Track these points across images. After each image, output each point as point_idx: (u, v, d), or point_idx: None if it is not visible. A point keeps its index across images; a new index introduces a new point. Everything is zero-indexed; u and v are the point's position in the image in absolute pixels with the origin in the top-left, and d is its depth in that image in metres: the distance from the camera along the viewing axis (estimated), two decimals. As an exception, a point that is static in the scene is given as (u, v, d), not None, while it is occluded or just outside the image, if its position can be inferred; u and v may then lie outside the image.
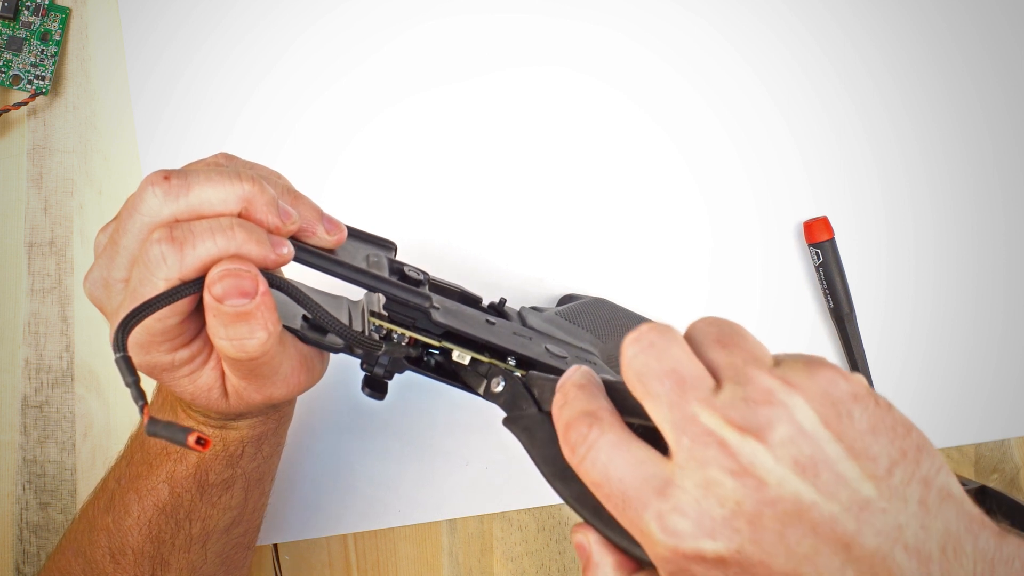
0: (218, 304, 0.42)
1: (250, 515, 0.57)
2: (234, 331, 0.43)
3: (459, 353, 0.49)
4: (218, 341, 0.43)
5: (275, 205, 0.45)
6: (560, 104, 0.69)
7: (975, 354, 0.69)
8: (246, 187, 0.44)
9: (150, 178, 0.43)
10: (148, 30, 0.69)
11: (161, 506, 0.53)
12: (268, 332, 0.43)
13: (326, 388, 0.67)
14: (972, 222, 0.70)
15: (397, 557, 0.67)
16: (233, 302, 0.42)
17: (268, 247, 0.43)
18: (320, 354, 0.50)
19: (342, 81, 0.69)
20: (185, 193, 0.43)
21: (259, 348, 0.43)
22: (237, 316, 0.42)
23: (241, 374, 0.46)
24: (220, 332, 0.43)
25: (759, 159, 0.70)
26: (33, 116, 0.69)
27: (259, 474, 0.55)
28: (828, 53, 0.71)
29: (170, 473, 0.53)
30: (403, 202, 0.69)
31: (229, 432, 0.53)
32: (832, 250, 0.68)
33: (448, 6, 0.70)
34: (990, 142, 0.70)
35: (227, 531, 0.56)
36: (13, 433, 0.68)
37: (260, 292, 0.42)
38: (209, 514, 0.54)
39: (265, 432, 0.54)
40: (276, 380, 0.47)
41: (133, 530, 0.54)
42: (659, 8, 0.70)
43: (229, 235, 0.43)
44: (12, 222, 0.69)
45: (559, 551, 0.68)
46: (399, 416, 0.68)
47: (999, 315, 0.70)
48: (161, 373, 0.46)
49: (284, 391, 0.47)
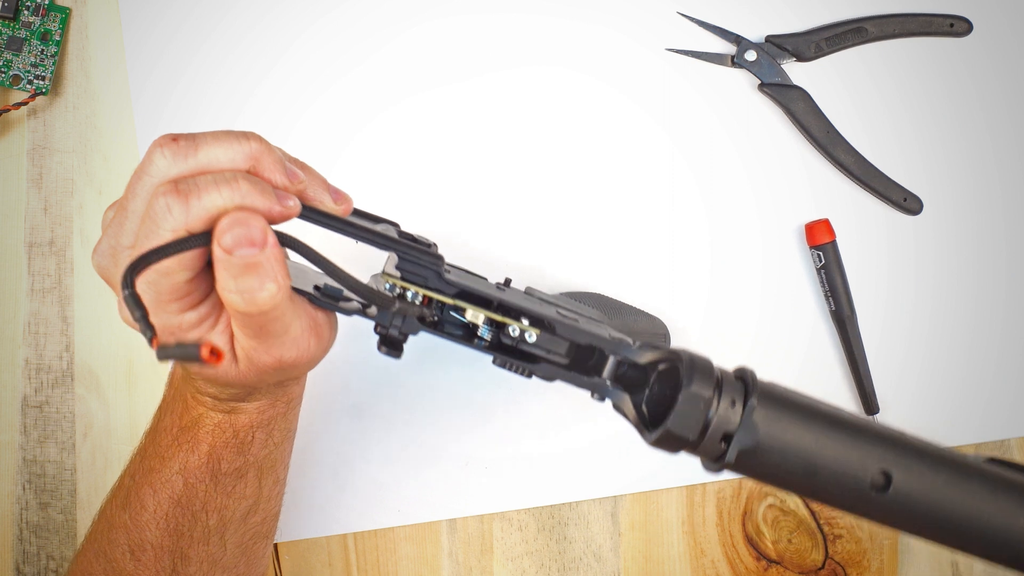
0: (227, 256, 0.42)
1: (266, 503, 0.56)
2: (244, 283, 0.42)
3: (472, 312, 0.48)
4: (228, 295, 0.43)
5: (282, 164, 0.45)
6: (560, 104, 0.69)
7: (975, 355, 0.70)
8: (253, 145, 0.44)
9: (158, 140, 0.44)
10: (148, 30, 0.68)
11: (176, 498, 0.53)
12: (278, 285, 0.43)
13: (326, 388, 0.68)
14: (972, 223, 0.70)
15: (397, 557, 0.67)
16: (242, 252, 0.42)
17: (274, 199, 0.43)
18: (330, 322, 0.49)
19: (342, 81, 0.69)
20: (193, 153, 0.44)
21: (269, 300, 0.43)
22: (246, 267, 0.42)
23: (251, 332, 0.45)
24: (230, 285, 0.43)
25: (761, 161, 0.70)
26: (33, 116, 0.69)
27: (271, 461, 0.55)
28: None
29: (183, 464, 0.53)
30: (404, 201, 0.69)
31: (238, 417, 0.52)
32: (833, 252, 0.68)
33: (448, 6, 0.70)
34: (990, 143, 0.70)
35: (244, 520, 0.55)
36: (13, 433, 0.68)
37: (270, 243, 0.42)
38: (225, 504, 0.54)
39: (274, 416, 0.54)
40: (286, 340, 0.46)
41: (150, 525, 0.54)
42: (659, 8, 0.70)
43: (234, 186, 0.43)
44: (12, 222, 0.68)
45: (559, 551, 0.68)
46: (399, 416, 0.68)
47: (999, 316, 0.70)
48: (170, 337, 0.46)
49: (294, 353, 0.47)
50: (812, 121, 0.69)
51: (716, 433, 0.43)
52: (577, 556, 0.68)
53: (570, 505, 0.68)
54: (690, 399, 0.43)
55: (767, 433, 0.44)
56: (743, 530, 0.68)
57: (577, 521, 0.68)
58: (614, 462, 0.68)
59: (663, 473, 0.68)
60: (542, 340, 0.48)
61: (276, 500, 0.58)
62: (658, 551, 0.68)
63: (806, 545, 0.67)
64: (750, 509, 0.68)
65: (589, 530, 0.68)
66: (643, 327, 0.66)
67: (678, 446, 0.44)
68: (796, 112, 0.69)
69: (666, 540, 0.68)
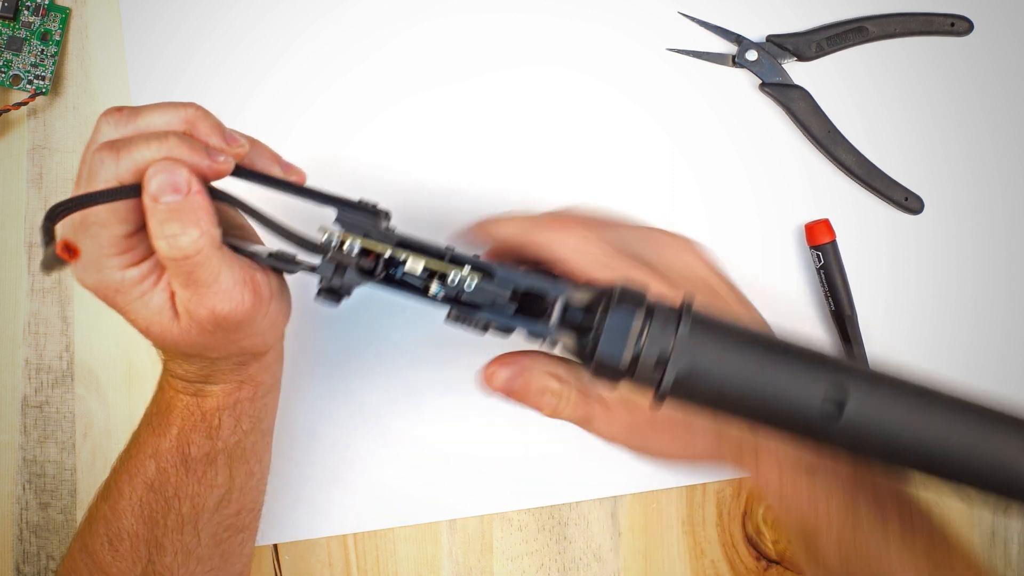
0: (154, 204, 0.45)
1: (239, 494, 0.58)
2: (168, 228, 0.46)
3: (413, 261, 0.49)
4: (156, 242, 0.46)
5: (220, 128, 0.48)
6: (561, 105, 0.69)
7: (975, 354, 0.69)
8: (190, 111, 0.48)
9: (105, 112, 0.48)
10: (148, 30, 0.68)
11: (149, 483, 0.55)
12: (201, 231, 0.46)
13: (327, 389, 0.68)
14: (973, 223, 0.70)
15: (397, 557, 0.67)
16: (167, 198, 0.45)
17: (203, 154, 0.46)
18: (271, 284, 0.51)
19: (342, 81, 0.69)
20: (134, 119, 0.48)
21: (191, 245, 0.46)
22: (171, 212, 0.45)
23: (181, 280, 0.48)
24: (157, 231, 0.46)
25: (761, 161, 0.70)
26: (33, 116, 0.69)
27: (241, 450, 0.57)
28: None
29: (155, 448, 0.55)
30: (404, 201, 0.69)
31: (206, 400, 0.55)
32: (834, 252, 0.68)
33: (448, 6, 0.69)
34: (990, 143, 0.70)
35: (217, 510, 0.57)
36: (13, 433, 0.68)
37: (193, 190, 0.46)
38: (196, 491, 0.55)
39: (240, 400, 0.55)
40: (217, 291, 0.48)
41: (126, 512, 0.55)
42: (659, 8, 0.70)
43: (162, 140, 0.46)
44: (12, 222, 0.69)
45: (559, 551, 0.68)
46: (399, 416, 0.68)
47: (999, 316, 0.70)
48: (116, 295, 0.49)
49: (227, 305, 0.49)
50: (813, 121, 0.69)
51: (648, 359, 0.44)
52: (577, 556, 0.68)
53: (570, 505, 0.68)
54: (615, 324, 0.44)
55: (705, 357, 0.43)
56: (743, 530, 0.68)
57: (577, 521, 0.68)
58: (614, 462, 0.68)
59: (663, 473, 0.68)
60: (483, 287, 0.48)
61: (252, 494, 0.59)
62: (658, 551, 0.68)
63: (806, 545, 0.67)
64: (750, 509, 0.68)
65: (589, 530, 0.68)
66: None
67: (613, 374, 0.44)
68: (797, 112, 0.69)
69: (666, 540, 0.68)
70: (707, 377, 0.43)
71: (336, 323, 0.68)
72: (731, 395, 0.43)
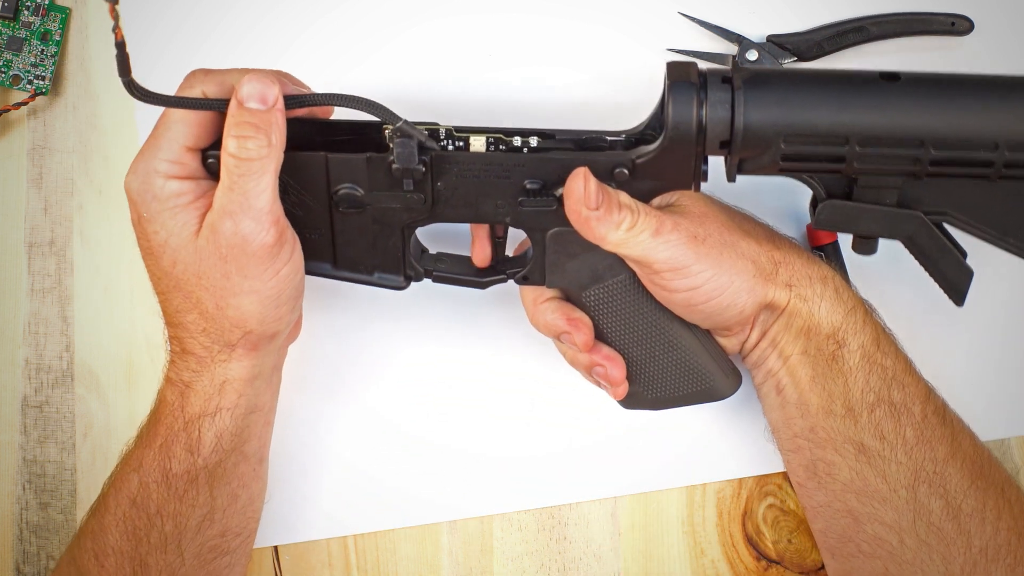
0: (238, 109, 0.52)
1: (222, 516, 0.58)
2: (243, 130, 0.51)
3: (475, 139, 0.57)
4: (226, 140, 0.52)
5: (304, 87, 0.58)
6: (561, 105, 0.69)
7: (975, 354, 0.69)
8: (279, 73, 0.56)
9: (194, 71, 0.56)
10: (148, 30, 0.68)
11: (132, 498, 0.56)
12: (270, 143, 0.52)
13: (327, 389, 0.68)
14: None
15: (397, 557, 0.68)
16: (252, 104, 0.52)
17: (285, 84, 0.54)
18: (293, 245, 0.55)
19: (342, 81, 0.69)
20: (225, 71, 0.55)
21: (257, 151, 0.51)
22: (252, 116, 0.52)
23: (229, 183, 0.52)
24: (233, 131, 0.52)
25: (760, 160, 0.70)
26: (33, 116, 0.69)
27: (222, 470, 0.57)
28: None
29: (139, 460, 0.56)
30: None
31: (188, 401, 0.56)
32: (835, 253, 0.68)
33: (448, 6, 0.69)
34: (991, 143, 0.70)
35: (199, 531, 0.57)
36: (13, 433, 0.68)
37: (277, 106, 0.52)
38: (178, 510, 0.56)
39: (221, 409, 0.56)
40: (251, 208, 0.52)
41: (111, 527, 0.56)
42: (660, 8, 0.70)
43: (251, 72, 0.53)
44: (12, 222, 0.69)
45: (559, 551, 0.68)
46: (399, 416, 0.68)
47: (999, 316, 0.70)
48: (152, 201, 0.53)
49: (251, 227, 0.52)
50: (813, 121, 0.69)
51: (715, 117, 0.54)
52: (577, 556, 0.68)
53: (570, 505, 0.68)
54: (678, 96, 0.54)
55: (765, 99, 0.54)
56: (743, 530, 0.68)
57: (577, 521, 0.68)
58: (614, 462, 0.68)
59: (663, 473, 0.68)
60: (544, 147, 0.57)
61: (237, 518, 0.59)
62: (658, 551, 0.68)
63: (806, 545, 0.67)
64: (750, 509, 0.68)
65: (589, 530, 0.68)
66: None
67: (686, 145, 0.55)
68: (797, 112, 0.69)
69: (666, 540, 0.68)
70: (774, 111, 0.54)
71: (336, 324, 0.68)
72: (800, 95, 0.54)
